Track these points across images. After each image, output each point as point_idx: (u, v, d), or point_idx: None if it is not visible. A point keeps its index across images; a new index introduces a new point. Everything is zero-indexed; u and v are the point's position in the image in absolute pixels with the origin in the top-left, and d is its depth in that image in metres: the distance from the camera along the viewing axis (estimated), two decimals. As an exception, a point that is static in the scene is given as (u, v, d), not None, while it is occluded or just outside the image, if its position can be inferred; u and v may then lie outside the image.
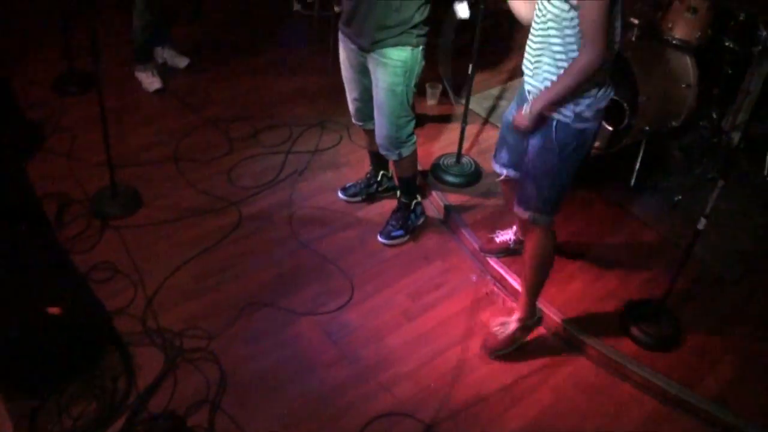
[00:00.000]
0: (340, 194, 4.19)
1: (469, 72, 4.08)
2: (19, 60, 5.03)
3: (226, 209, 4.02)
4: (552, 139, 2.86)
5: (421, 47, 3.39)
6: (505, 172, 3.31)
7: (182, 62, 5.15)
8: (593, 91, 2.75)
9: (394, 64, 3.36)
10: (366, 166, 4.24)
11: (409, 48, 3.35)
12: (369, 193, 4.19)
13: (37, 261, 3.27)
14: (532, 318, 3.41)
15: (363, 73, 3.56)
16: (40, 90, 4.75)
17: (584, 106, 2.77)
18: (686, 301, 3.66)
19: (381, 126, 3.58)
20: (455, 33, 4.84)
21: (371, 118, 3.71)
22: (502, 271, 3.75)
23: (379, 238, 3.91)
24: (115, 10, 4.73)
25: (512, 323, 3.40)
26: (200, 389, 3.08)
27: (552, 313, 3.54)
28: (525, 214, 3.10)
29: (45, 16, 5.22)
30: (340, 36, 3.56)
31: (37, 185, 3.88)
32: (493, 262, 3.79)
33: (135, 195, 3.99)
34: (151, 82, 4.87)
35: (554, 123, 2.83)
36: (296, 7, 6.05)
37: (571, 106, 2.78)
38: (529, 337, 3.47)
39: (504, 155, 3.27)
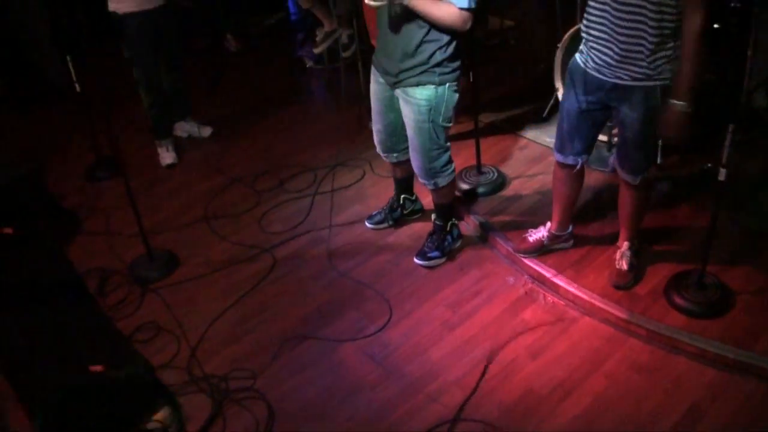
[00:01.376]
0: (367, 223, 4.22)
1: (470, 79, 4.12)
2: (51, 156, 5.26)
3: (260, 256, 4.08)
4: (658, 106, 2.94)
5: (447, 84, 3.38)
6: (580, 160, 3.38)
7: (206, 132, 5.29)
8: (678, 41, 2.82)
9: (418, 103, 3.40)
10: (390, 195, 4.26)
11: (432, 86, 3.37)
12: (394, 218, 4.21)
13: (79, 327, 3.38)
14: (637, 243, 3.61)
15: (389, 107, 3.61)
16: (73, 180, 4.95)
17: (678, 62, 2.82)
18: (731, 265, 3.56)
19: (414, 158, 3.64)
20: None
21: (394, 150, 3.80)
22: (538, 269, 3.71)
23: (416, 260, 3.90)
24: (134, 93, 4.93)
25: (627, 252, 3.55)
26: (249, 428, 3.08)
27: (595, 299, 3.47)
28: (637, 179, 3.28)
29: (72, 114, 5.46)
30: (373, 69, 3.63)
31: (79, 264, 4.07)
32: (528, 261, 3.75)
33: (171, 257, 4.09)
34: (164, 157, 5.04)
35: (658, 89, 2.93)
36: (309, 64, 6.21)
37: (669, 66, 2.86)
38: (578, 326, 3.43)
39: (577, 145, 3.33)
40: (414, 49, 3.28)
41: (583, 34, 3.06)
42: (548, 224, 3.76)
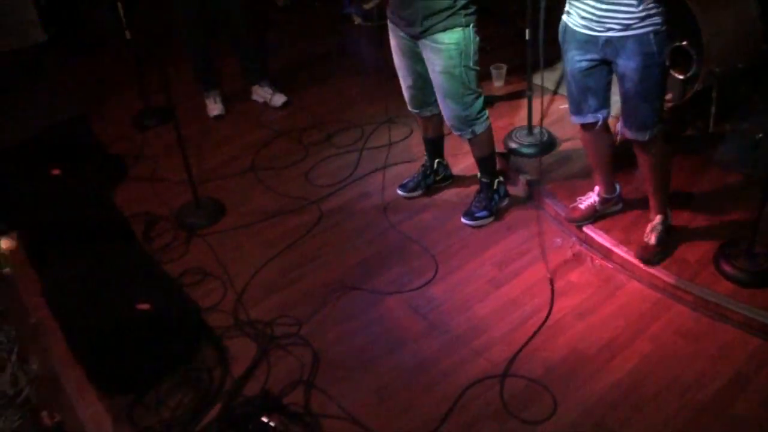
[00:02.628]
0: (399, 191, 4.15)
1: (527, 37, 4.07)
2: (100, 103, 5.31)
3: (307, 207, 4.10)
4: (654, 52, 2.97)
5: (471, 25, 3.39)
6: (600, 116, 3.34)
7: (278, 100, 5.15)
8: None
9: (448, 48, 3.37)
10: (439, 154, 4.27)
11: (459, 29, 3.36)
12: (427, 184, 4.16)
13: (126, 268, 3.42)
14: (669, 217, 3.54)
15: (415, 59, 3.58)
16: (120, 127, 5.00)
17: (664, 9, 2.89)
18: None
19: (447, 108, 3.59)
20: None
21: (427, 104, 3.76)
22: (587, 231, 3.68)
23: (463, 220, 3.88)
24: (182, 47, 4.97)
25: (658, 226, 3.46)
26: (294, 372, 3.13)
27: (643, 265, 3.45)
28: (645, 136, 3.21)
29: (121, 62, 5.50)
30: (390, 25, 3.61)
31: (125, 208, 4.12)
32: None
33: (218, 205, 4.12)
34: (211, 108, 5.05)
35: (650, 35, 2.92)
36: (357, 21, 6.18)
37: (658, 10, 2.88)
38: (625, 290, 3.42)
39: (592, 102, 3.30)
40: None
41: None
42: (596, 189, 3.72)
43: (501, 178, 3.94)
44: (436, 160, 4.14)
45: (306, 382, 3.07)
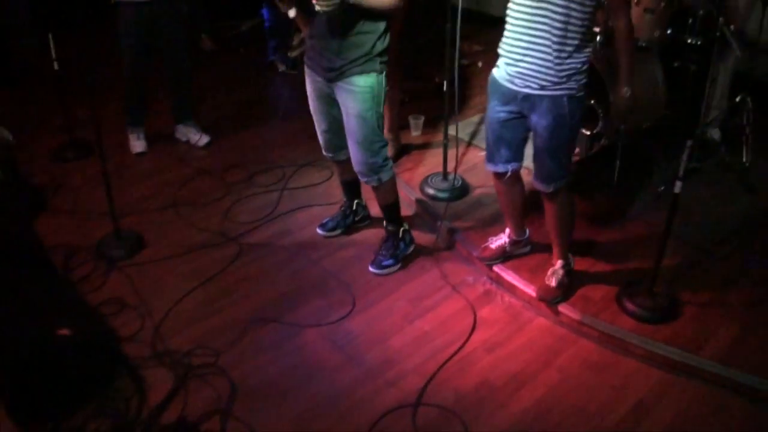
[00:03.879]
0: (319, 230, 4.26)
1: (444, 89, 4.28)
2: (22, 135, 5.22)
3: (227, 243, 4.16)
4: (565, 114, 3.17)
5: (384, 73, 3.55)
6: (509, 168, 3.51)
7: (203, 140, 5.26)
8: (585, 61, 3.14)
9: (363, 91, 3.50)
10: (357, 197, 4.40)
11: (374, 74, 3.50)
12: (346, 224, 4.28)
13: (43, 296, 3.40)
14: (570, 261, 3.72)
15: (331, 104, 3.69)
16: (42, 160, 5.00)
17: (583, 74, 3.14)
18: (680, 277, 3.75)
19: (356, 153, 3.69)
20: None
21: (341, 148, 3.85)
22: (497, 270, 3.85)
23: (371, 269, 3.97)
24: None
25: (559, 271, 3.63)
26: (211, 401, 3.14)
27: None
28: (550, 188, 3.39)
29: (46, 94, 5.51)
30: (306, 70, 3.71)
31: (45, 239, 4.06)
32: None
33: (138, 238, 4.14)
34: (134, 145, 5.11)
35: (565, 98, 3.14)
36: (281, 68, 6.34)
37: (577, 78, 3.12)
38: (533, 326, 3.58)
39: (504, 152, 3.46)
40: (356, 40, 3.41)
41: (499, 50, 3.26)
42: (507, 231, 3.90)
43: (406, 226, 4.07)
44: (355, 201, 4.26)
45: (223, 412, 3.08)
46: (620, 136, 4.36)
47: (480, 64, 6.21)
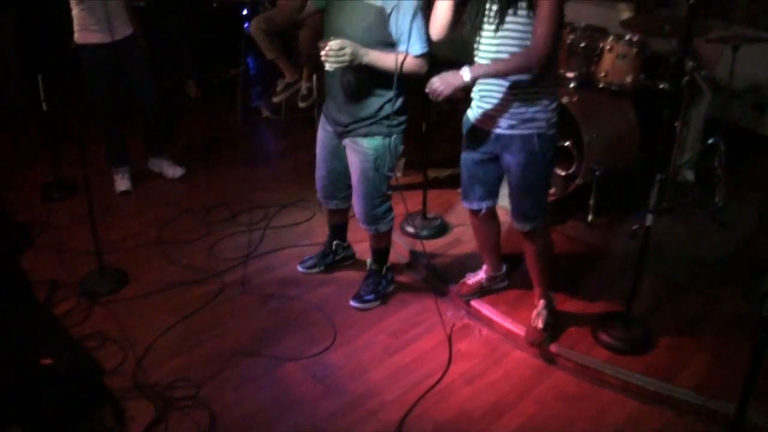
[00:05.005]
0: (299, 267, 4.33)
1: (424, 129, 4.40)
2: (10, 174, 5.38)
3: (209, 279, 4.21)
4: (536, 152, 3.23)
5: (394, 135, 3.60)
6: (484, 205, 3.59)
7: (178, 172, 5.43)
8: (553, 100, 3.20)
9: (365, 152, 3.59)
10: (341, 237, 4.48)
11: (379, 137, 3.56)
12: (326, 263, 4.35)
13: (27, 327, 3.43)
14: (552, 301, 3.75)
15: (334, 154, 3.79)
16: (28, 198, 5.06)
17: (551, 113, 3.21)
18: (655, 310, 3.85)
19: (357, 203, 3.79)
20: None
21: (334, 198, 3.95)
22: (475, 305, 3.93)
23: (352, 302, 4.03)
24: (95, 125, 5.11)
25: (543, 311, 3.67)
26: (192, 433, 3.18)
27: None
28: (527, 227, 3.44)
29: (32, 135, 5.61)
30: (321, 117, 3.81)
31: (29, 275, 4.08)
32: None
33: (121, 274, 4.19)
34: (119, 184, 5.19)
35: (534, 136, 3.21)
36: (266, 113, 6.46)
37: (545, 117, 3.18)
38: (510, 358, 3.64)
39: (478, 191, 3.54)
40: (364, 102, 3.49)
41: (472, 94, 3.36)
42: (484, 267, 3.98)
43: (389, 265, 4.14)
44: (335, 242, 4.34)
45: (203, 442, 3.12)
46: (594, 176, 4.48)
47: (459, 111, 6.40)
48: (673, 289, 4.03)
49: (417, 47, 3.33)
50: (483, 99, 3.28)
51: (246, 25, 6.77)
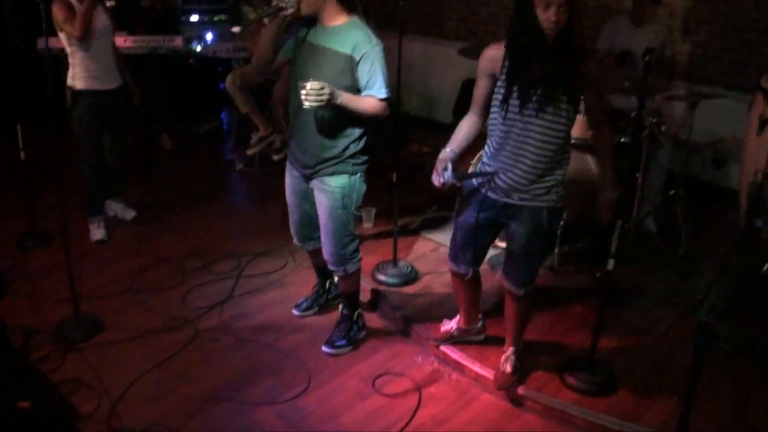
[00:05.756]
0: (294, 311, 4.43)
1: (394, 179, 4.54)
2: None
3: (183, 326, 4.26)
4: (544, 224, 3.32)
5: (359, 174, 3.77)
6: (471, 270, 3.65)
7: (129, 214, 5.56)
8: (566, 170, 3.32)
9: (333, 190, 3.72)
10: (310, 284, 4.55)
11: (346, 176, 3.72)
12: (320, 304, 4.46)
13: (4, 371, 3.48)
14: (521, 347, 3.81)
15: (304, 198, 3.92)
16: (3, 247, 5.10)
17: (563, 187, 3.31)
18: (619, 353, 3.96)
19: (326, 244, 3.90)
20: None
21: (309, 239, 4.07)
22: (444, 349, 4.01)
23: (324, 348, 4.10)
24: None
25: (512, 356, 3.74)
26: (166, 479, 3.21)
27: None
28: (520, 291, 3.52)
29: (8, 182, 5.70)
30: (288, 164, 3.95)
31: (3, 323, 4.12)
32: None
33: (96, 321, 4.23)
34: (94, 233, 5.25)
35: (545, 210, 3.29)
36: (239, 166, 6.58)
37: (557, 191, 3.28)
38: (479, 401, 3.72)
39: (469, 256, 3.59)
40: (330, 142, 3.65)
41: (484, 159, 3.40)
42: (458, 317, 4.05)
43: (360, 311, 4.24)
44: (328, 281, 4.46)
45: (176, 485, 3.16)
46: (561, 226, 4.63)
47: (429, 164, 6.57)
48: (637, 334, 4.16)
49: (382, 92, 3.54)
50: (502, 170, 3.27)
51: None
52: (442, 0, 7.86)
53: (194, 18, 7.56)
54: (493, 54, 3.19)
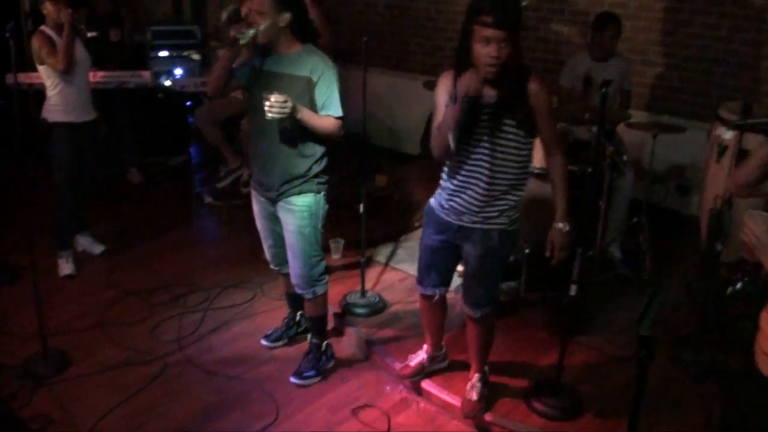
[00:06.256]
0: (263, 341, 4.45)
1: (361, 211, 4.61)
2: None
3: (151, 360, 4.25)
4: (495, 247, 3.40)
5: (322, 193, 3.89)
6: (438, 291, 3.72)
7: (98, 249, 5.56)
8: (520, 196, 3.40)
9: (300, 209, 3.82)
10: (279, 316, 4.59)
11: (311, 194, 3.83)
12: (290, 335, 4.49)
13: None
14: (486, 374, 3.89)
15: (274, 221, 3.99)
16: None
17: (516, 211, 3.40)
18: (586, 378, 4.03)
19: (295, 266, 3.96)
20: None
21: (286, 261, 4.09)
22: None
23: (292, 379, 4.11)
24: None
25: (477, 384, 3.80)
26: None
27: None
28: (478, 313, 3.58)
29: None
30: (252, 192, 4.04)
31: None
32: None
33: (65, 357, 4.21)
34: (63, 268, 5.24)
35: (495, 233, 3.38)
36: (208, 200, 6.61)
37: (509, 214, 3.37)
38: (448, 428, 3.78)
39: (434, 277, 3.68)
40: (294, 163, 3.76)
41: (441, 182, 3.53)
42: (425, 347, 4.09)
43: (329, 341, 4.28)
44: (299, 313, 4.48)
45: None
46: (525, 254, 4.71)
47: (396, 197, 6.65)
48: (603, 359, 4.24)
49: (339, 111, 3.71)
50: (449, 192, 3.41)
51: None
52: (408, 35, 8.00)
53: (163, 53, 7.65)
54: (445, 82, 3.30)
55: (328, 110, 3.70)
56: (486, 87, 3.13)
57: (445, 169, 3.46)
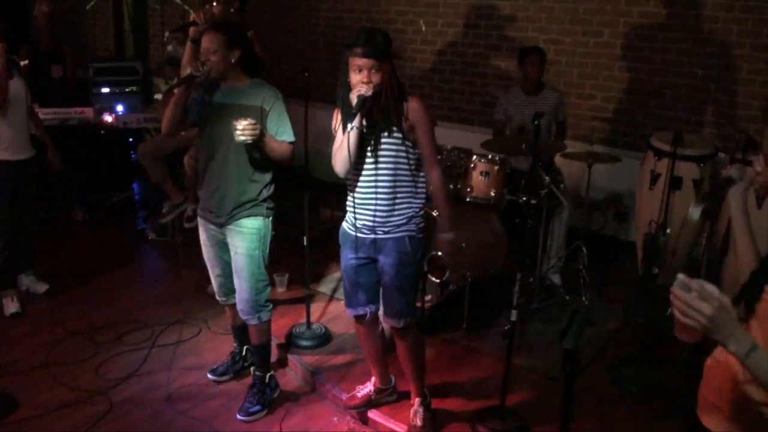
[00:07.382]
0: (209, 375, 4.47)
1: (304, 244, 4.67)
2: None
3: (97, 399, 4.23)
4: (408, 252, 3.57)
5: (270, 218, 4.03)
6: (368, 310, 3.79)
7: (41, 288, 5.53)
8: (422, 207, 3.61)
9: (250, 232, 3.94)
10: (225, 350, 4.62)
11: (261, 218, 3.97)
12: (236, 370, 4.51)
13: None
14: (427, 398, 4.01)
15: (222, 249, 4.08)
16: None
17: (421, 219, 3.59)
18: (530, 402, 4.14)
19: (242, 290, 4.03)
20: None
21: (233, 292, 4.15)
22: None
23: (239, 416, 4.12)
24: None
25: (420, 408, 3.90)
26: None
27: (409, 432, 3.90)
28: (400, 323, 3.69)
29: None
30: (200, 221, 4.13)
31: None
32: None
33: (10, 399, 4.17)
34: (8, 307, 5.20)
35: (407, 239, 3.55)
36: (151, 236, 6.61)
37: (415, 221, 3.57)
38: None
39: (361, 296, 3.76)
40: (246, 188, 3.91)
41: (347, 207, 3.67)
42: (373, 379, 4.14)
43: (272, 372, 4.33)
44: (245, 347, 4.51)
45: None
46: (467, 281, 4.81)
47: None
48: (546, 382, 4.35)
49: (291, 136, 3.96)
50: (356, 209, 3.56)
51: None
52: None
53: (105, 90, 7.65)
54: (336, 116, 3.67)
55: (281, 136, 3.91)
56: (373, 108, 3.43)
57: (348, 192, 3.64)
